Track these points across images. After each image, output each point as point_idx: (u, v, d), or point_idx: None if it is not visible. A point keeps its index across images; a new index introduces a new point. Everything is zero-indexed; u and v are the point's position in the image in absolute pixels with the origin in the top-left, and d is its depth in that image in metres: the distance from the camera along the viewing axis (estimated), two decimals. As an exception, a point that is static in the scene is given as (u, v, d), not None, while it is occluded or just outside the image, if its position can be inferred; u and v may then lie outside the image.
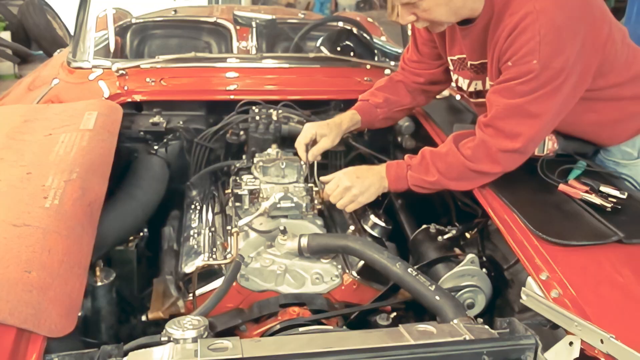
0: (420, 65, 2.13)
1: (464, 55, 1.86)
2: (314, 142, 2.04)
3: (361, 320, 1.64)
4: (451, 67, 1.98)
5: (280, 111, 2.23)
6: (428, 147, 1.83)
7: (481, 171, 1.71)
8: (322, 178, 1.92)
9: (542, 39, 1.54)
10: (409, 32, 2.97)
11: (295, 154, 2.13)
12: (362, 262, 1.73)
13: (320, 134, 2.03)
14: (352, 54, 3.08)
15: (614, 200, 1.56)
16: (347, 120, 2.13)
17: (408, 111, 2.26)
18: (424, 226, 1.86)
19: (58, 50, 3.45)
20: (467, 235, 1.83)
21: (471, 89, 1.94)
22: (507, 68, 1.64)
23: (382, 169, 1.85)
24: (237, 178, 2.01)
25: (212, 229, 1.92)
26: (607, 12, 1.71)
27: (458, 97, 2.52)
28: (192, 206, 2.13)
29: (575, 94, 1.67)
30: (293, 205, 1.83)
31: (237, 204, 1.94)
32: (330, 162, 2.34)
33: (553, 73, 1.57)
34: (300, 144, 2.02)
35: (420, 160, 1.80)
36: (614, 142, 1.91)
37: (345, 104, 2.49)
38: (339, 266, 1.73)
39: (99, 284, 1.56)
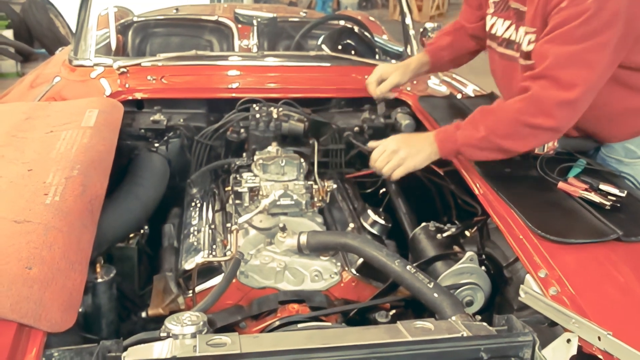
0: (473, 13, 2.16)
1: None
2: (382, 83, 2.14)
3: (360, 318, 1.65)
4: (491, 10, 1.95)
5: (280, 109, 2.23)
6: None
7: (533, 125, 1.63)
8: (369, 143, 1.91)
9: None
10: (411, 31, 3.00)
11: (295, 151, 2.14)
12: (361, 260, 1.74)
13: (389, 72, 2.12)
14: (353, 52, 3.09)
15: (613, 198, 1.57)
16: (415, 60, 2.24)
17: (474, 54, 2.29)
18: (424, 224, 1.87)
19: (60, 49, 3.46)
20: (467, 233, 1.84)
21: (505, 35, 1.90)
22: (559, 11, 1.59)
23: (430, 134, 1.80)
24: (237, 176, 2.02)
25: (212, 226, 1.93)
26: None
27: (459, 96, 2.52)
28: (193, 204, 2.13)
29: (619, 52, 1.61)
30: (293, 202, 1.84)
31: (237, 201, 1.95)
32: (330, 160, 2.34)
33: (608, 16, 1.53)
34: (370, 82, 2.17)
35: (470, 119, 1.74)
36: (619, 137, 1.90)
37: (346, 102, 2.50)
38: (338, 263, 1.74)
39: (100, 280, 1.56)
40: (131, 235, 1.89)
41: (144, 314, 1.67)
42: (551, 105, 1.61)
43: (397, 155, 1.79)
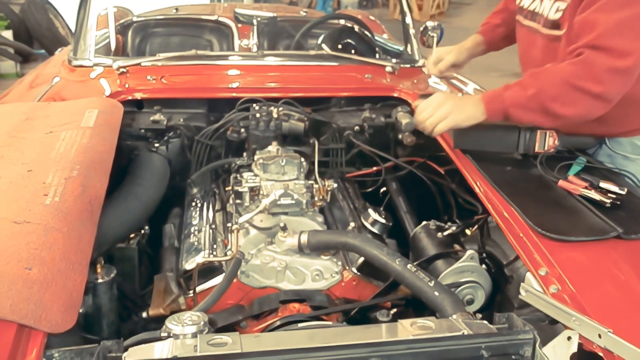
0: None
1: None
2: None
3: (361, 317, 1.65)
4: None
5: (280, 108, 2.23)
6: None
7: (582, 88, 1.62)
8: (415, 102, 1.97)
9: None
10: (411, 30, 3.00)
11: (296, 151, 2.14)
12: (362, 259, 1.74)
13: (446, 53, 2.25)
14: (353, 51, 3.08)
15: (613, 196, 1.56)
16: (470, 41, 2.32)
17: None
18: (424, 222, 1.87)
19: (59, 49, 3.46)
20: (468, 231, 1.84)
21: (531, 7, 1.95)
22: None
23: (478, 95, 1.80)
24: (238, 175, 2.02)
25: (213, 226, 1.93)
26: None
27: (460, 94, 2.52)
28: (193, 203, 2.13)
29: None
30: (293, 202, 1.84)
31: (238, 201, 1.95)
32: (331, 159, 2.34)
33: None
34: (429, 63, 2.31)
35: (519, 81, 1.74)
36: (628, 131, 1.89)
37: (346, 101, 2.50)
38: (339, 263, 1.74)
39: (100, 280, 1.57)
40: (132, 235, 1.89)
41: (144, 314, 1.67)
42: (601, 71, 1.61)
43: (441, 109, 1.77)
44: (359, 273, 1.75)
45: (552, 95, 1.66)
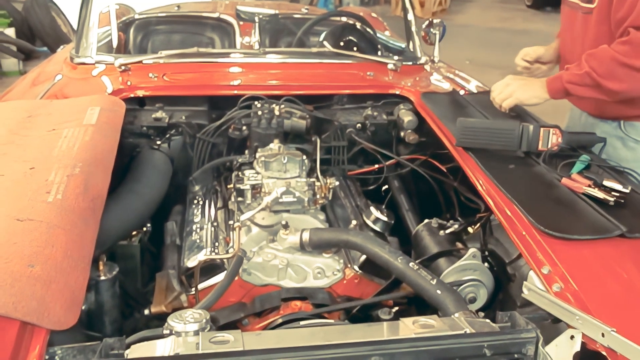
0: None
1: None
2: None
3: (363, 315, 1.65)
4: None
5: (282, 106, 2.23)
6: None
7: (630, 65, 1.80)
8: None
9: None
10: (413, 27, 3.00)
11: (297, 148, 2.13)
12: (364, 257, 1.73)
13: (533, 49, 2.35)
14: (355, 49, 3.08)
15: (617, 194, 1.56)
16: (556, 42, 2.35)
17: None
18: (426, 220, 1.87)
19: (62, 46, 3.46)
20: (470, 229, 1.84)
21: None
22: None
23: (543, 78, 2.05)
24: (240, 173, 2.01)
25: (215, 223, 1.93)
26: None
27: (462, 92, 2.52)
28: (195, 201, 2.13)
29: None
30: (295, 199, 1.84)
31: (240, 198, 1.94)
32: (333, 157, 2.34)
33: None
34: (519, 59, 2.37)
35: (577, 62, 1.92)
36: None
37: (348, 99, 2.49)
38: (341, 260, 1.74)
39: (102, 278, 1.56)
40: (134, 233, 1.89)
41: (146, 312, 1.67)
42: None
43: (509, 88, 2.06)
44: (360, 271, 1.74)
45: (603, 72, 1.84)
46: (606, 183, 1.60)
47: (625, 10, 1.84)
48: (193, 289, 1.66)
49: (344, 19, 3.42)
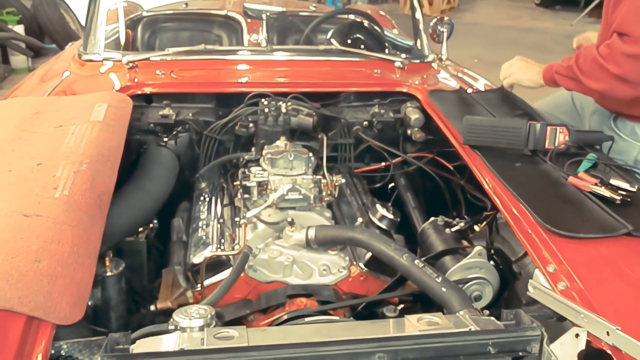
0: None
1: None
2: None
3: (368, 312, 1.65)
4: None
5: (289, 103, 2.23)
6: None
7: (604, 68, 1.88)
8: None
9: None
10: (421, 26, 2.99)
11: (304, 146, 2.13)
12: (369, 254, 1.73)
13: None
14: (362, 46, 3.07)
15: (624, 193, 1.55)
16: None
17: None
18: (432, 218, 1.87)
19: (70, 43, 3.47)
20: (476, 227, 1.83)
21: None
22: None
23: (545, 65, 2.17)
24: (246, 170, 2.02)
25: (221, 220, 1.94)
26: None
27: (469, 90, 2.51)
28: (202, 198, 2.14)
29: None
30: (301, 197, 1.84)
31: (246, 195, 1.95)
32: (339, 154, 2.34)
33: None
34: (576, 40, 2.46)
35: (571, 56, 2.04)
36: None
37: (355, 96, 2.49)
38: (347, 258, 1.74)
39: (109, 274, 1.57)
40: (141, 229, 1.89)
41: (152, 308, 1.68)
42: (619, 55, 1.85)
43: (511, 67, 2.25)
44: (366, 268, 1.75)
45: (585, 69, 1.95)
46: (613, 182, 1.60)
47: (615, 13, 1.90)
48: (199, 285, 1.67)
49: (351, 16, 3.41)
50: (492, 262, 1.62)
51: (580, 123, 2.43)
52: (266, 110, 2.21)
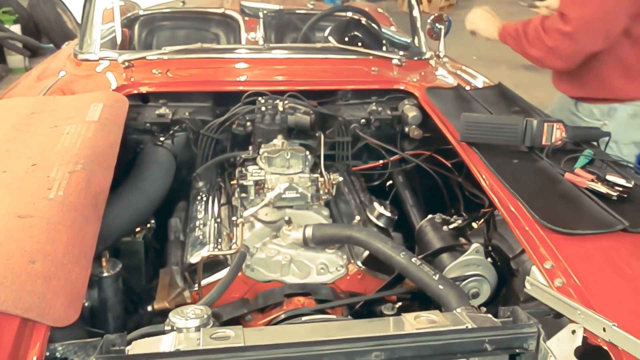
0: None
1: None
2: None
3: (366, 310, 1.65)
4: None
5: (286, 102, 2.23)
6: None
7: (541, 39, 2.13)
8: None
9: None
10: (418, 23, 2.98)
11: (301, 144, 2.13)
12: (367, 252, 1.73)
13: None
14: (360, 44, 3.06)
15: (620, 189, 1.55)
16: None
17: None
18: (430, 216, 1.86)
19: (66, 43, 3.46)
20: (474, 225, 1.83)
21: None
22: None
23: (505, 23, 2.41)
24: (243, 169, 2.01)
25: (218, 219, 1.93)
26: None
27: (467, 87, 2.50)
28: (199, 197, 2.13)
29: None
30: (298, 195, 1.83)
31: (243, 194, 1.94)
32: (337, 152, 2.33)
33: None
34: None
35: (525, 21, 2.25)
36: (593, 99, 2.29)
37: (353, 94, 2.48)
38: (344, 256, 1.74)
39: (105, 274, 1.57)
40: (138, 229, 1.89)
41: (149, 308, 1.67)
42: (552, 31, 2.10)
43: (476, 16, 2.52)
44: (364, 267, 1.74)
45: (528, 37, 2.20)
46: (609, 178, 1.59)
47: None
48: (196, 285, 1.66)
49: (349, 14, 3.40)
50: (489, 259, 1.62)
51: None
52: (263, 108, 2.20)
